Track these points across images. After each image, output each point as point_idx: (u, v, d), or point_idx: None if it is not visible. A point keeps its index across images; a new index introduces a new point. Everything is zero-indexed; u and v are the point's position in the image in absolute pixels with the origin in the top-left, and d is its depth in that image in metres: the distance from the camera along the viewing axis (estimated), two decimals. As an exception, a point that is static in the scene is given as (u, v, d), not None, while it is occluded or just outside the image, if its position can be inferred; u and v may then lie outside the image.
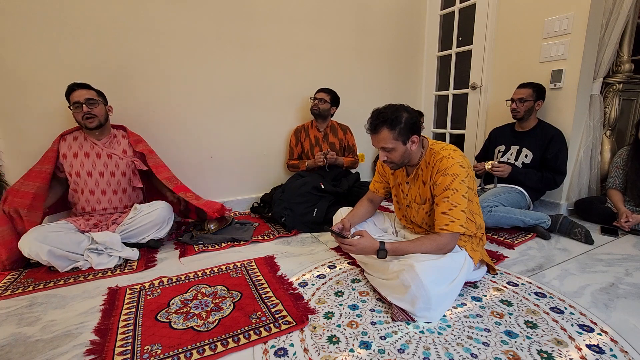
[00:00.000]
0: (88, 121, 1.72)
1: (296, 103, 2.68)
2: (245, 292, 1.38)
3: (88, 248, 1.62)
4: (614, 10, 2.10)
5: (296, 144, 2.57)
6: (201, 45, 2.26)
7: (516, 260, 1.64)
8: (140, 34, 2.08)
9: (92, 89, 1.77)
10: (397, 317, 1.16)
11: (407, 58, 3.14)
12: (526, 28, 2.34)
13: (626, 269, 1.52)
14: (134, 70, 2.10)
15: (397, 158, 1.33)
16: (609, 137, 2.43)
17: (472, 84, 2.79)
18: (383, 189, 1.63)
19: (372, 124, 1.31)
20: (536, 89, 2.11)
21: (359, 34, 2.83)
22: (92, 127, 1.74)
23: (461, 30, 2.88)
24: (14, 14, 1.79)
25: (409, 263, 1.17)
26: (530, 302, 1.26)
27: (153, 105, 2.19)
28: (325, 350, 1.03)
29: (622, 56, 2.29)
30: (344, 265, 1.60)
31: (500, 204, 1.96)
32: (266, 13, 2.42)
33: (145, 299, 1.33)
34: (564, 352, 1.00)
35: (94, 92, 1.77)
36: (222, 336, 1.10)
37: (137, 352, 1.03)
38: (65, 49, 1.91)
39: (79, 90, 1.72)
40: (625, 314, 1.19)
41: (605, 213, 2.06)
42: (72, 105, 1.71)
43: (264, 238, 1.98)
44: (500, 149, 2.29)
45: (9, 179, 1.91)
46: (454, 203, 1.26)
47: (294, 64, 2.60)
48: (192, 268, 1.61)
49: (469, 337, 1.08)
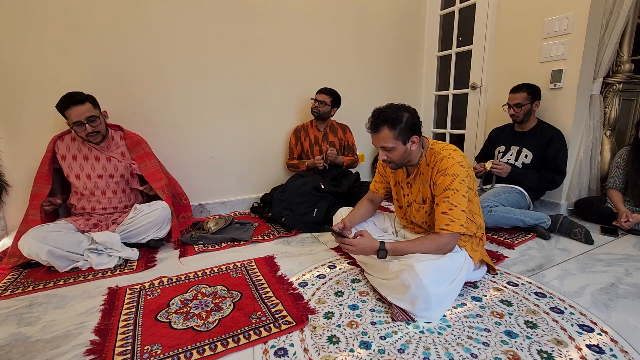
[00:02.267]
0: (92, 138, 1.73)
1: (296, 103, 2.68)
2: (245, 292, 1.38)
3: (88, 248, 1.62)
4: (614, 10, 2.10)
5: (296, 143, 2.57)
6: (201, 46, 2.26)
7: (516, 260, 1.64)
8: (140, 34, 2.08)
9: (86, 100, 1.67)
10: (397, 317, 1.16)
11: (407, 58, 3.14)
12: (526, 28, 2.34)
13: (626, 269, 1.52)
14: (133, 71, 2.10)
15: (397, 158, 1.33)
16: (609, 137, 2.43)
17: (472, 84, 2.79)
18: (383, 189, 1.63)
19: (373, 122, 1.31)
20: (530, 90, 2.10)
21: (359, 34, 2.83)
22: (96, 142, 1.76)
23: (461, 30, 2.87)
24: (14, 14, 1.79)
25: (409, 263, 1.17)
26: (530, 302, 1.26)
27: (152, 105, 2.19)
28: (325, 350, 1.03)
29: (622, 56, 2.29)
30: (344, 265, 1.60)
31: (500, 204, 1.96)
32: (266, 13, 2.42)
33: (145, 299, 1.33)
34: (564, 352, 1.00)
35: (90, 106, 1.68)
36: (222, 336, 1.10)
37: (137, 352, 1.03)
38: (65, 49, 1.91)
39: (76, 107, 1.63)
40: (625, 314, 1.19)
41: (605, 213, 2.06)
42: (74, 125, 1.66)
43: (264, 238, 1.98)
44: (500, 150, 2.29)
45: (9, 179, 1.91)
46: (454, 203, 1.26)
47: (294, 64, 2.60)
48: (192, 268, 1.61)
49: (469, 337, 1.08)
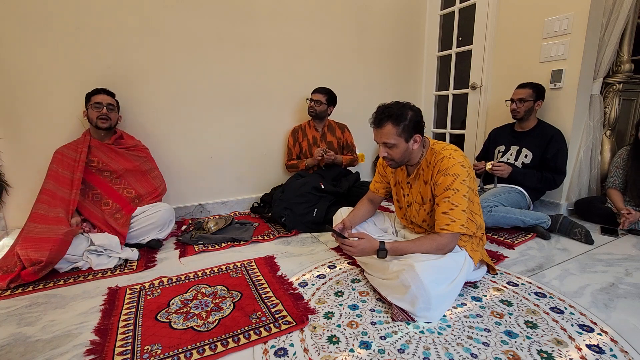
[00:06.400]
0: (101, 121, 1.83)
1: (296, 103, 2.68)
2: (245, 292, 1.38)
3: (87, 249, 1.62)
4: (614, 10, 2.10)
5: (294, 144, 2.57)
6: (201, 45, 2.26)
7: (516, 260, 1.64)
8: (141, 35, 2.08)
9: (114, 97, 1.93)
10: (397, 317, 1.16)
11: (407, 58, 3.14)
12: (526, 28, 2.34)
13: (626, 269, 1.52)
14: (133, 71, 2.10)
15: (398, 155, 1.33)
16: (609, 137, 2.43)
17: (472, 84, 2.79)
18: (383, 189, 1.63)
19: (377, 117, 1.31)
20: (536, 89, 2.11)
21: (359, 34, 2.83)
22: (103, 127, 1.84)
23: (461, 30, 2.87)
24: (15, 14, 1.79)
25: (409, 263, 1.17)
26: (530, 302, 1.26)
27: (152, 105, 2.19)
28: (325, 350, 1.03)
29: (622, 56, 2.29)
30: (344, 265, 1.60)
31: (500, 204, 1.96)
32: (266, 13, 2.42)
33: (145, 299, 1.33)
34: (564, 352, 1.00)
35: (115, 101, 1.92)
36: (222, 336, 1.10)
37: (137, 352, 1.03)
38: (65, 49, 1.91)
39: (104, 94, 1.87)
40: (625, 314, 1.19)
41: (605, 213, 2.06)
42: (93, 104, 1.82)
43: (264, 238, 1.98)
44: (500, 149, 2.29)
45: (9, 179, 1.91)
46: (454, 203, 1.26)
47: (294, 63, 2.60)
48: (192, 268, 1.61)
49: (469, 337, 1.08)
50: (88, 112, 1.85)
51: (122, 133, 1.99)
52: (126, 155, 1.92)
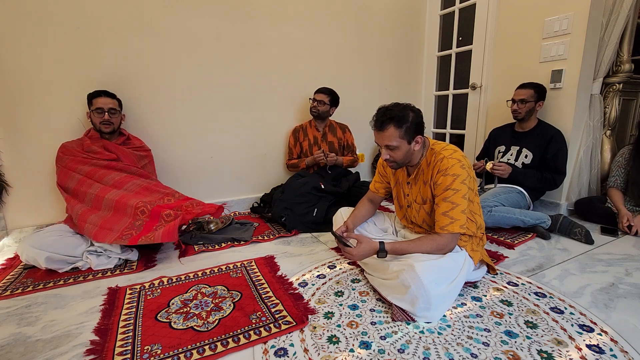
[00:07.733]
0: (104, 126, 1.86)
1: (296, 103, 2.68)
2: (245, 292, 1.38)
3: (87, 250, 1.61)
4: (614, 10, 2.10)
5: (295, 144, 2.57)
6: (201, 45, 2.26)
7: (516, 260, 1.64)
8: (141, 35, 2.08)
9: (115, 98, 1.91)
10: (397, 317, 1.16)
11: (407, 58, 3.14)
12: (526, 28, 2.34)
13: (626, 269, 1.52)
14: (133, 71, 2.10)
15: (400, 157, 1.33)
16: (609, 137, 2.43)
17: (472, 84, 2.79)
18: (384, 189, 1.62)
19: (379, 120, 1.30)
20: (537, 89, 2.10)
21: (359, 34, 2.83)
22: (106, 132, 1.88)
23: (461, 31, 2.87)
24: (15, 14, 1.79)
25: (409, 263, 1.17)
26: (530, 302, 1.26)
27: (152, 105, 2.19)
28: (325, 350, 1.03)
29: (622, 56, 2.29)
30: (344, 265, 1.60)
31: (500, 204, 1.96)
32: (266, 13, 2.42)
33: (145, 299, 1.33)
34: (564, 352, 1.00)
35: (116, 102, 1.91)
36: (222, 336, 1.10)
37: (137, 352, 1.03)
38: (65, 49, 1.91)
39: (105, 97, 1.86)
40: (625, 314, 1.19)
41: (605, 213, 2.06)
42: (95, 110, 1.84)
43: (264, 238, 1.98)
44: (500, 150, 2.29)
45: (9, 179, 1.91)
46: (454, 203, 1.26)
47: (294, 63, 2.60)
48: (192, 268, 1.61)
49: (469, 337, 1.08)
50: (91, 115, 1.87)
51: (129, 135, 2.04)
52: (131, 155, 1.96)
